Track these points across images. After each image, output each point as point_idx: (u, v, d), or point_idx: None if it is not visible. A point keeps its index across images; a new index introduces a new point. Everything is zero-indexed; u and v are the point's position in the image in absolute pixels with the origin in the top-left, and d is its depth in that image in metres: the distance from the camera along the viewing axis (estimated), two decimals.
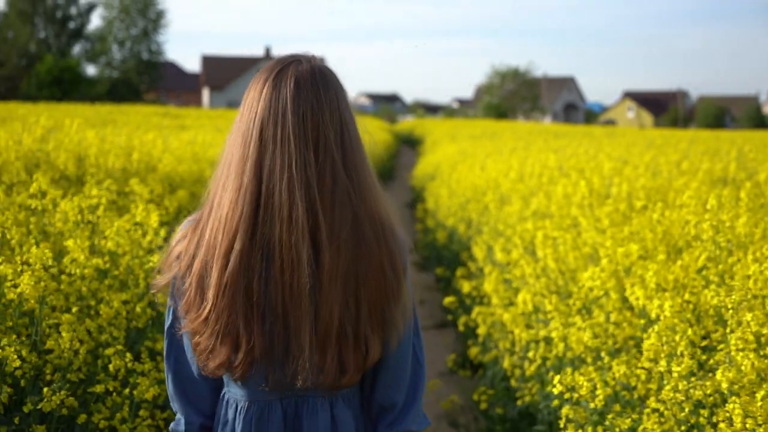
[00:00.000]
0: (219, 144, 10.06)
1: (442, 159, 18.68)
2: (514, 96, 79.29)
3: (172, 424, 2.33)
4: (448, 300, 6.37)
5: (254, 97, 2.11)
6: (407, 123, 64.33)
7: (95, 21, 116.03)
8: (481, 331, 5.94)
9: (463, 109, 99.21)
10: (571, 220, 6.04)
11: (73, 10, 70.63)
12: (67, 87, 58.12)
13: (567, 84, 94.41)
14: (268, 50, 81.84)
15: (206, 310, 2.09)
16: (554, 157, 12.38)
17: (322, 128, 2.09)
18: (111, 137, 8.89)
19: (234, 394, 2.24)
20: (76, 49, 70.95)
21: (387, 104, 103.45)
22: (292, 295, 2.06)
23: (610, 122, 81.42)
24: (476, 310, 5.79)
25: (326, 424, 2.21)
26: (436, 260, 11.48)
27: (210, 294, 2.08)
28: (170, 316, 2.25)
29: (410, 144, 43.09)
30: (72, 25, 70.64)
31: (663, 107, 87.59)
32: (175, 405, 2.31)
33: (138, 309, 4.04)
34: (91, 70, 69.79)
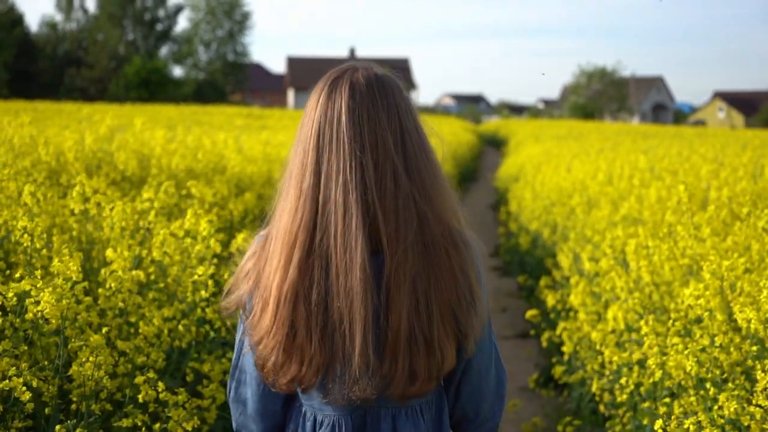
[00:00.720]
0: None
1: (526, 160, 18.17)
2: (601, 96, 78.15)
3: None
4: (531, 313, 5.87)
5: (311, 105, 2.14)
6: (492, 123, 63.80)
7: (182, 23, 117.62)
8: (567, 348, 5.45)
9: (548, 109, 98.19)
10: (666, 228, 5.49)
11: (161, 13, 71.78)
12: (154, 88, 58.93)
13: (656, 84, 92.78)
14: (352, 51, 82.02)
15: (266, 323, 2.09)
16: (644, 158, 11.77)
17: (380, 132, 2.09)
18: (181, 137, 8.55)
19: (309, 406, 2.23)
20: (164, 50, 72.00)
21: (471, 105, 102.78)
22: (347, 300, 2.04)
23: (700, 123, 79.68)
24: (561, 325, 5.28)
25: None
26: (519, 266, 10.95)
27: (270, 306, 2.08)
28: (239, 335, 2.26)
29: (494, 144, 42.58)
30: (159, 27, 71.72)
31: (755, 107, 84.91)
32: (249, 426, 2.30)
33: (181, 327, 3.63)
34: (177, 71, 70.71)
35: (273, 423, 2.29)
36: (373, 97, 2.11)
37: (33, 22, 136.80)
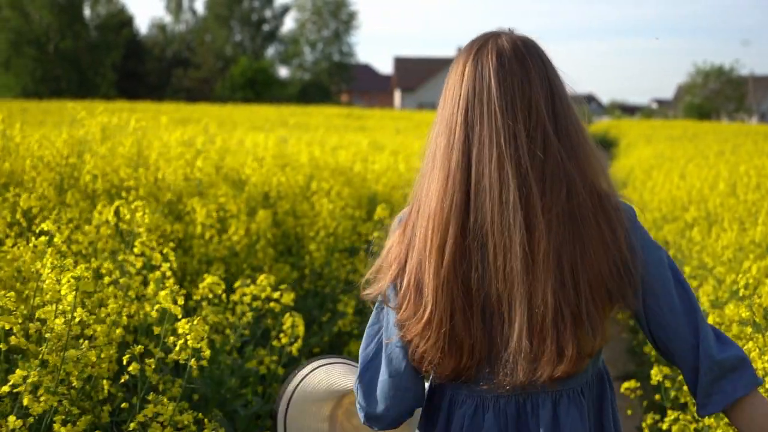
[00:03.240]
0: (352, 145, 8.41)
1: (636, 163, 16.69)
2: (718, 96, 76.17)
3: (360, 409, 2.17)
4: (627, 386, 4.27)
5: (455, 80, 2.04)
6: (602, 124, 61.86)
7: (288, 23, 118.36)
8: None
9: (662, 109, 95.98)
10: None
11: (268, 13, 72.69)
12: (259, 89, 59.18)
13: None
14: (459, 49, 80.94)
15: (427, 312, 1.98)
16: None
17: (533, 97, 2.00)
18: (203, 139, 7.01)
19: (456, 391, 2.12)
20: (270, 51, 72.58)
21: (582, 105, 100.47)
22: (506, 282, 1.95)
23: None
24: (670, 416, 3.77)
25: (547, 424, 2.03)
26: None
27: (429, 295, 1.98)
28: (378, 325, 2.14)
29: (604, 146, 40.90)
30: (266, 27, 72.31)
31: None
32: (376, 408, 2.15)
33: None
34: (283, 72, 71.13)
35: (408, 407, 2.16)
36: (523, 60, 2.02)
37: (143, 24, 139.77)
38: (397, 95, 78.79)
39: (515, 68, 2.01)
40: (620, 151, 28.26)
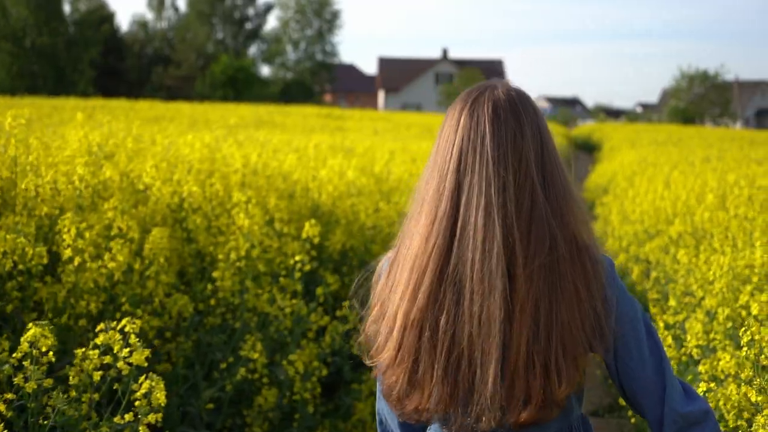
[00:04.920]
0: (309, 148, 7.46)
1: (619, 168, 15.97)
2: (703, 100, 75.91)
3: None
4: None
5: (451, 126, 2.08)
6: (585, 127, 61.44)
7: (271, 22, 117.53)
8: None
9: (647, 113, 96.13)
10: None
11: (251, 11, 72.25)
12: (240, 87, 58.37)
13: (760, 88, 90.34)
14: (445, 51, 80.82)
15: (392, 350, 2.04)
16: (762, 170, 9.39)
17: (524, 149, 2.03)
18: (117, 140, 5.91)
19: None
20: (252, 49, 72.01)
21: (567, 108, 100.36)
22: (481, 328, 1.96)
23: None
24: None
25: None
26: None
27: (395, 335, 2.03)
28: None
29: (587, 149, 40.33)
30: (249, 25, 71.77)
31: None
32: None
33: None
34: (266, 70, 70.59)
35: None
36: (517, 113, 2.05)
37: (125, 21, 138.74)
38: (381, 96, 78.23)
39: (510, 120, 2.03)
40: (603, 154, 27.73)
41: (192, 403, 4.08)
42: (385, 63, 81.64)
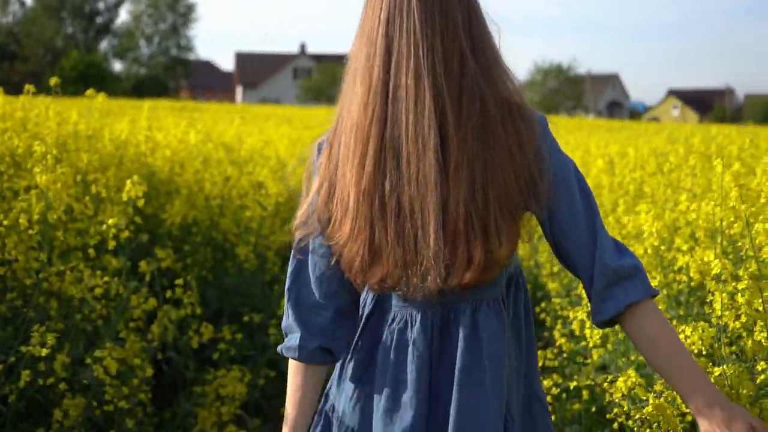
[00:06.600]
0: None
1: None
2: (557, 94, 77.47)
3: (282, 344, 2.24)
4: None
5: None
6: None
7: (124, 16, 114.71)
8: None
9: None
10: None
11: (101, 5, 70.50)
12: (91, 83, 56.20)
13: (611, 81, 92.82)
14: (303, 46, 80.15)
15: (349, 222, 2.05)
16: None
17: (451, 14, 2.05)
18: None
19: (384, 303, 2.20)
20: (104, 44, 69.97)
21: None
22: (419, 190, 2.00)
23: (655, 120, 79.61)
24: None
25: (467, 328, 2.11)
26: None
27: (351, 207, 2.04)
28: (301, 248, 2.20)
29: None
30: (100, 20, 69.78)
31: (708, 105, 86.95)
32: (292, 333, 2.24)
33: None
34: (118, 66, 68.72)
35: (318, 332, 2.21)
36: None
37: None
38: (240, 92, 77.07)
39: None
40: None
41: None
42: (242, 58, 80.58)
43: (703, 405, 1.97)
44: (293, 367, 2.24)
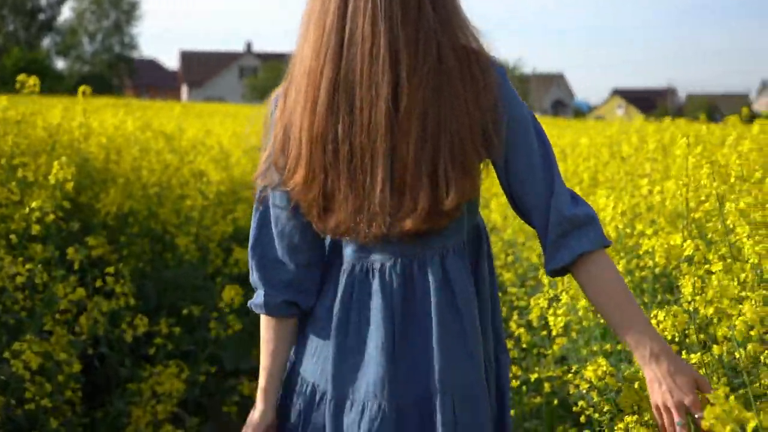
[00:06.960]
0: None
1: None
2: None
3: (251, 300, 2.24)
4: None
5: None
6: None
7: (66, 13, 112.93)
8: None
9: None
10: None
11: (43, 2, 69.01)
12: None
13: (556, 80, 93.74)
14: (249, 45, 79.72)
15: (303, 167, 2.04)
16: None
17: None
18: None
19: (344, 256, 2.18)
20: (46, 42, 68.97)
21: None
22: (369, 135, 2.00)
23: (600, 119, 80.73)
24: None
25: (438, 279, 2.10)
26: None
27: (304, 152, 2.04)
28: (263, 198, 2.20)
29: None
30: (42, 17, 68.71)
31: (651, 105, 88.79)
32: (258, 289, 2.22)
33: None
34: (61, 64, 67.78)
35: (283, 287, 2.19)
36: None
37: None
38: (185, 90, 76.44)
39: None
40: None
41: None
42: (187, 57, 79.93)
43: (650, 355, 1.97)
44: (263, 321, 2.24)
